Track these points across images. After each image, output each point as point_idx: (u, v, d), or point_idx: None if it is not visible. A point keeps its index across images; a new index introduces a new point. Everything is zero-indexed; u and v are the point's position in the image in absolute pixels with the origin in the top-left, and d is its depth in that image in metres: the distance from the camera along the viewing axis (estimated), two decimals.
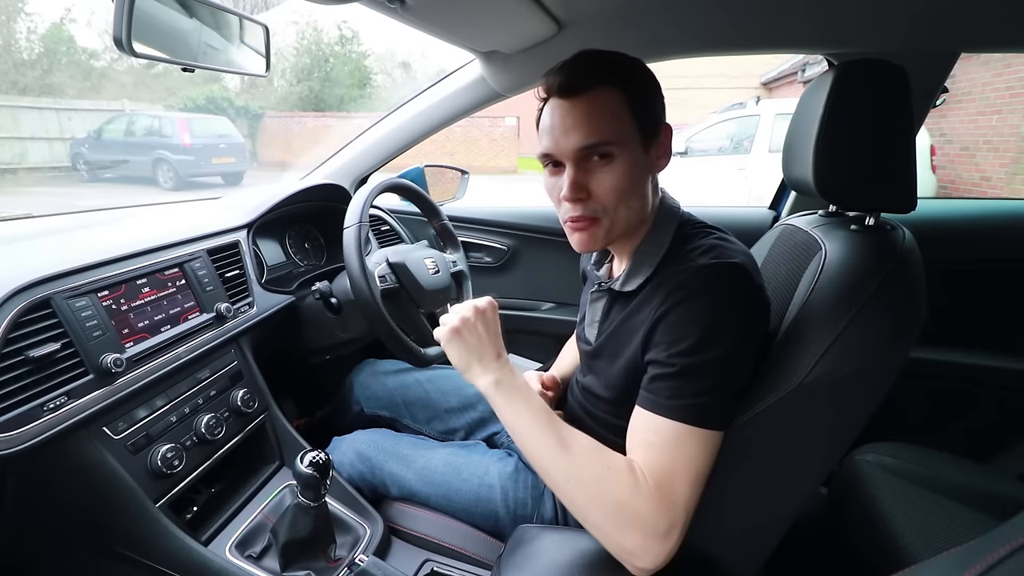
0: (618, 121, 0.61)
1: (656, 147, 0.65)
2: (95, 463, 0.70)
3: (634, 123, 0.62)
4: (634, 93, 0.62)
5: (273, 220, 1.17)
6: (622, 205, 0.63)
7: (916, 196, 0.64)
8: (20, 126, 9.36)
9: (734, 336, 0.56)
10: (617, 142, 0.61)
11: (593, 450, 0.60)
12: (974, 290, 1.27)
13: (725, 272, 0.58)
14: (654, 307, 0.61)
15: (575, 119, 0.61)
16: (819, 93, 0.65)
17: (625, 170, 0.62)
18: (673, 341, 0.57)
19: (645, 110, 0.63)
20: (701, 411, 0.56)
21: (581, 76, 0.61)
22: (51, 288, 0.69)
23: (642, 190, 0.65)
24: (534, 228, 1.58)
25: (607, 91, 0.61)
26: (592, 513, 0.57)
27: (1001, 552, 0.30)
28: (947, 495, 0.83)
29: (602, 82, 0.61)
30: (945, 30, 0.96)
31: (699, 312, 0.57)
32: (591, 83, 0.61)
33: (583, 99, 0.61)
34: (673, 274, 0.61)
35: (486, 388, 0.65)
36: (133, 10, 0.68)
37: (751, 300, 0.59)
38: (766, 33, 1.03)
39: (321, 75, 17.08)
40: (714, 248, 0.61)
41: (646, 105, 0.63)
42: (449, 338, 0.67)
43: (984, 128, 4.99)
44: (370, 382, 1.13)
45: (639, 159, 0.63)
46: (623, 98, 0.61)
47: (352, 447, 0.95)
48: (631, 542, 0.55)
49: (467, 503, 0.83)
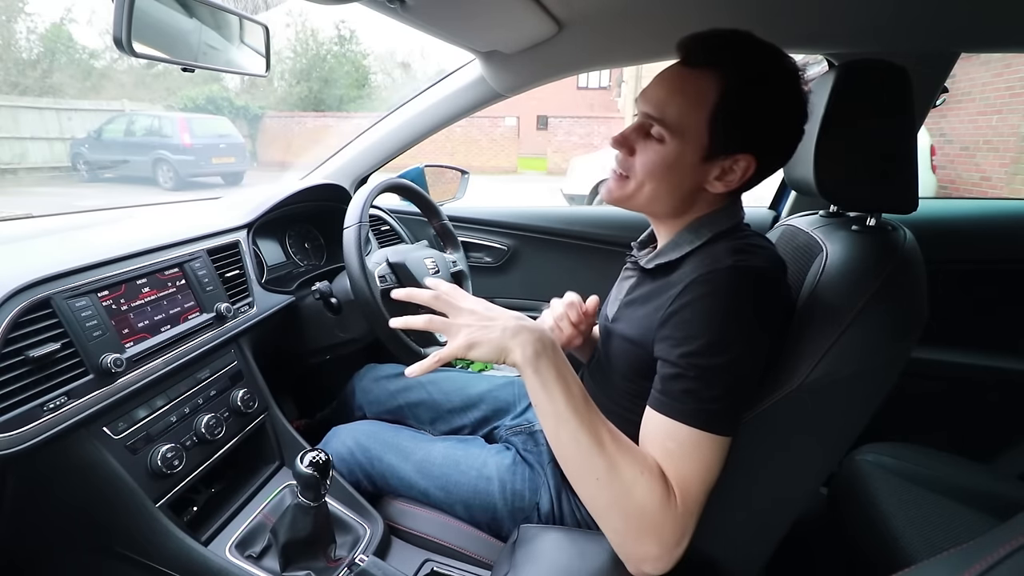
0: (690, 113, 0.57)
1: (721, 167, 0.60)
2: (95, 463, 0.70)
3: (707, 125, 0.57)
4: (733, 96, 0.56)
5: (273, 220, 1.17)
6: (649, 182, 0.62)
7: (917, 196, 0.64)
8: (20, 126, 9.37)
9: (746, 342, 0.55)
10: (674, 130, 0.58)
11: (627, 450, 0.55)
12: (975, 290, 1.27)
13: (748, 276, 0.56)
14: (672, 296, 0.58)
15: (662, 86, 0.59)
16: (819, 93, 0.65)
17: (665, 159, 0.59)
18: (684, 339, 0.56)
19: (732, 121, 0.57)
20: (717, 416, 0.54)
21: (701, 50, 0.58)
22: (51, 288, 0.69)
23: (676, 187, 0.62)
24: (534, 228, 1.58)
25: (707, 78, 0.57)
26: (611, 514, 0.54)
27: (1001, 552, 0.30)
28: (947, 495, 0.83)
29: (713, 66, 0.57)
30: (945, 30, 0.96)
31: (714, 313, 0.55)
32: (702, 61, 0.57)
33: (682, 72, 0.58)
34: (698, 267, 0.59)
35: (523, 366, 0.55)
36: (133, 10, 0.68)
37: (768, 308, 0.57)
38: (766, 33, 1.02)
39: (321, 75, 17.08)
40: (743, 251, 0.59)
41: (737, 117, 0.57)
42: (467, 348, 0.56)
43: (984, 128, 4.99)
44: (372, 387, 1.12)
45: (689, 161, 0.59)
46: (716, 95, 0.56)
47: (351, 437, 0.95)
48: (645, 550, 0.53)
49: (465, 496, 0.83)
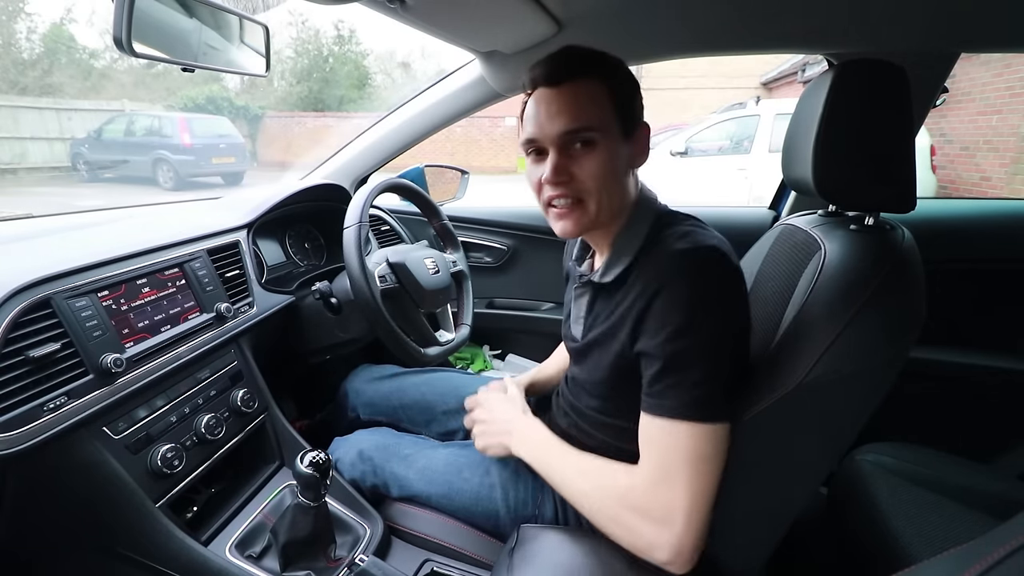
0: (601, 110, 0.63)
1: (635, 143, 0.67)
2: (95, 463, 0.70)
3: (616, 115, 0.64)
4: (617, 87, 0.64)
5: (273, 220, 1.17)
6: (603, 191, 0.65)
7: (916, 196, 0.64)
8: (20, 126, 9.37)
9: (717, 317, 0.58)
10: (599, 129, 0.63)
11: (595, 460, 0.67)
12: (974, 290, 1.27)
13: (700, 255, 0.60)
14: (637, 296, 0.62)
15: (560, 105, 0.63)
16: (819, 93, 0.65)
17: (606, 158, 0.64)
18: (659, 328, 0.59)
19: (627, 105, 0.65)
20: (701, 403, 0.57)
21: (566, 67, 0.63)
22: (51, 288, 0.69)
23: (622, 180, 0.67)
24: (534, 228, 1.58)
25: (591, 82, 0.63)
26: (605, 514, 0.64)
27: (1001, 552, 0.30)
28: (947, 495, 0.83)
29: (587, 74, 0.63)
30: (945, 30, 0.96)
31: (679, 296, 0.58)
32: (576, 74, 0.63)
33: (568, 87, 0.63)
34: (651, 262, 0.63)
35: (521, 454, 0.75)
36: (133, 10, 0.68)
37: (728, 281, 0.61)
38: (766, 33, 1.03)
39: (321, 75, 17.08)
40: (688, 234, 0.63)
41: (628, 101, 0.66)
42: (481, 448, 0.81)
43: (984, 128, 4.99)
44: (365, 388, 1.12)
45: (620, 150, 0.65)
46: (606, 90, 0.63)
47: (354, 448, 0.95)
48: (640, 537, 0.60)
49: (468, 502, 0.83)
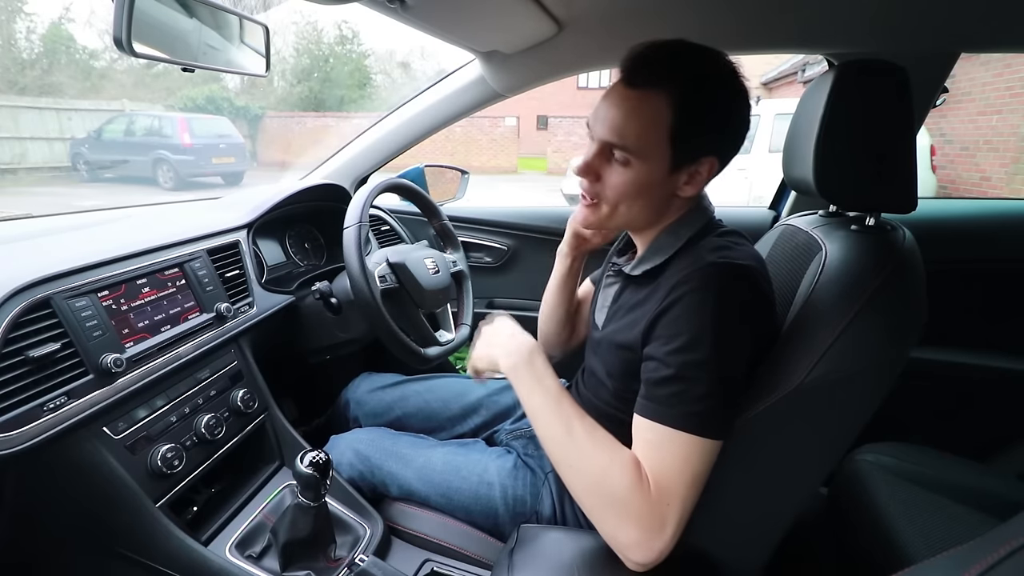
0: (650, 134, 0.59)
1: (688, 174, 0.62)
2: (95, 463, 0.70)
3: (668, 142, 0.59)
4: (686, 110, 0.58)
5: (273, 220, 1.17)
6: (623, 205, 0.63)
7: (916, 196, 0.64)
8: (20, 126, 9.36)
9: (733, 337, 0.56)
10: (637, 154, 0.60)
11: (600, 441, 0.60)
12: (974, 290, 1.27)
13: (728, 272, 0.58)
14: (659, 299, 0.60)
15: (614, 112, 0.60)
16: (819, 93, 0.65)
17: (635, 180, 0.61)
18: (671, 337, 0.57)
19: (690, 133, 0.59)
20: (701, 419, 0.55)
21: (643, 71, 0.59)
22: (51, 288, 0.69)
23: (650, 202, 0.64)
24: (534, 228, 1.58)
25: (657, 98, 0.58)
26: (589, 501, 0.59)
27: (1001, 552, 0.30)
28: (947, 495, 0.83)
29: (659, 86, 0.58)
30: (945, 30, 0.96)
31: (698, 309, 0.56)
32: (647, 83, 0.58)
33: (632, 95, 0.59)
34: (682, 268, 0.61)
35: (506, 371, 0.68)
36: (133, 10, 0.68)
37: (751, 304, 0.59)
38: (766, 33, 1.03)
39: (321, 75, 17.08)
40: (725, 248, 0.61)
41: (694, 128, 0.59)
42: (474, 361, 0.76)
43: (984, 128, 4.99)
44: (367, 399, 1.09)
45: (657, 177, 0.61)
46: (670, 112, 0.58)
47: (351, 446, 0.94)
48: (626, 536, 0.56)
49: (466, 501, 0.82)
